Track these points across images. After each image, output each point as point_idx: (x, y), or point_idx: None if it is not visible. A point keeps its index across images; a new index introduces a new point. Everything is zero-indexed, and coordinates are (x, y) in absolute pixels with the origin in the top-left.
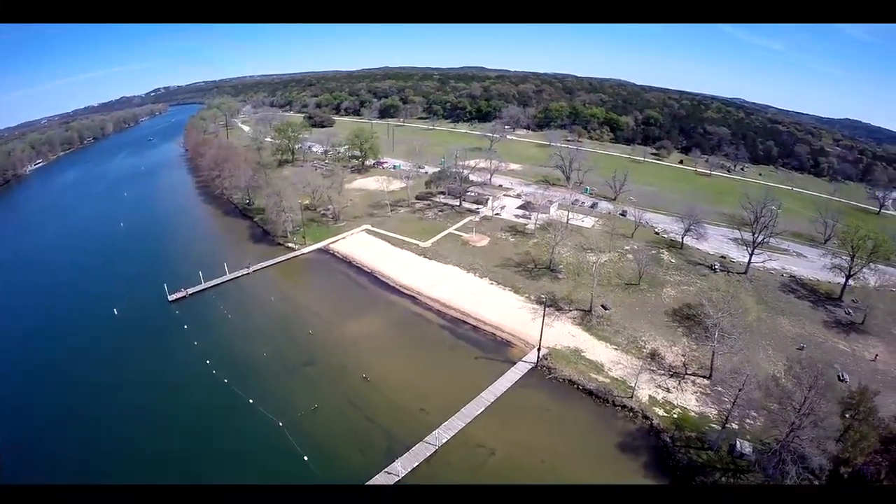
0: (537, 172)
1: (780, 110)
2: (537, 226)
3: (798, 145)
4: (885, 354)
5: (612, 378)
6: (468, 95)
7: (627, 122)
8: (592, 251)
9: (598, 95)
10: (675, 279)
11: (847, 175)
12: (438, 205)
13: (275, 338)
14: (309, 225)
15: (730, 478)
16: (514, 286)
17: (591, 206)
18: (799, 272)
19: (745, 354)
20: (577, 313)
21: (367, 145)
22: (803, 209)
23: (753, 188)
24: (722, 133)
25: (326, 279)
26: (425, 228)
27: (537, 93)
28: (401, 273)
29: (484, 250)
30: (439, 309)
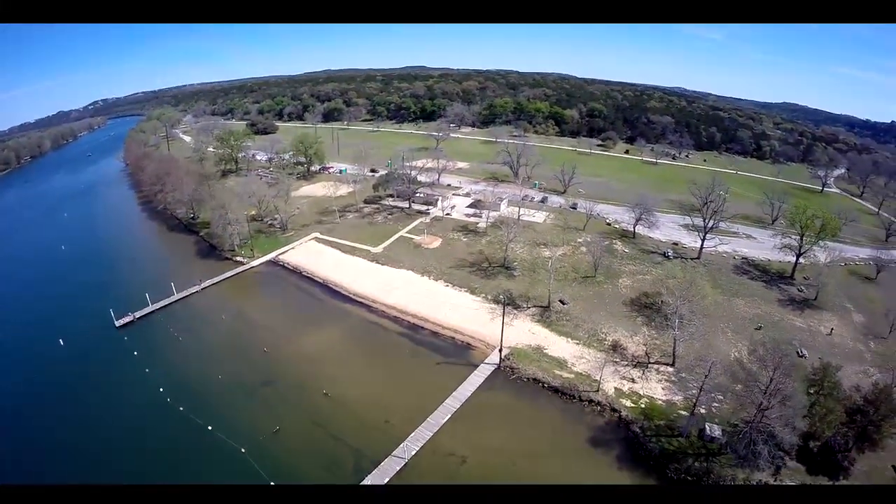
0: (485, 170)
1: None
2: (489, 224)
3: (740, 130)
4: (840, 327)
5: (576, 373)
6: (412, 95)
7: (572, 115)
8: (546, 246)
9: (541, 90)
10: (630, 269)
11: (789, 157)
12: (388, 208)
13: (229, 358)
14: (256, 237)
15: (702, 462)
16: (469, 287)
17: (541, 200)
18: (750, 254)
19: (705, 339)
20: (535, 310)
21: (312, 151)
22: (749, 192)
23: (700, 174)
24: (665, 122)
25: (278, 292)
26: (376, 233)
27: (481, 90)
28: (354, 281)
29: (437, 252)
30: (396, 315)
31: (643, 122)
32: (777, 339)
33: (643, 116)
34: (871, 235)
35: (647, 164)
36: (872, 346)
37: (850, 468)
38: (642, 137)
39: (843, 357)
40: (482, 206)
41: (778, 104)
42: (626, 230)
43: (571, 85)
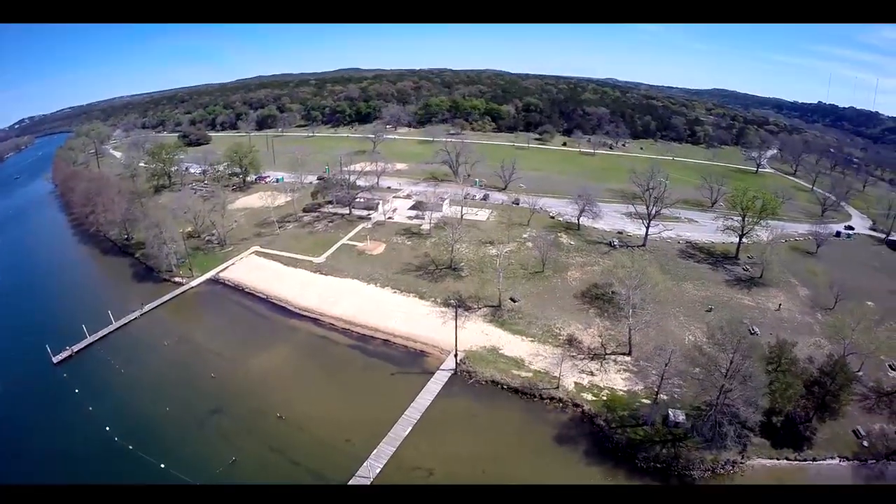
0: (425, 170)
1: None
2: (432, 225)
3: (674, 117)
4: (787, 302)
5: (534, 371)
6: (346, 98)
7: (508, 111)
8: (492, 244)
9: (476, 87)
10: (577, 261)
11: (722, 140)
12: (328, 215)
13: (176, 388)
14: (194, 254)
15: (670, 448)
16: (418, 292)
17: (482, 198)
18: (694, 237)
19: (659, 325)
20: (486, 310)
21: (247, 160)
22: (687, 177)
23: (638, 162)
24: (601, 113)
25: (221, 312)
26: (317, 242)
27: (416, 90)
28: (298, 294)
29: (381, 258)
30: (345, 327)
31: (579, 114)
32: (729, 319)
33: (579, 108)
34: (808, 211)
35: (585, 156)
36: (820, 318)
37: (813, 437)
38: (579, 129)
39: (794, 331)
40: (424, 207)
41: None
42: (571, 222)
43: (506, 81)
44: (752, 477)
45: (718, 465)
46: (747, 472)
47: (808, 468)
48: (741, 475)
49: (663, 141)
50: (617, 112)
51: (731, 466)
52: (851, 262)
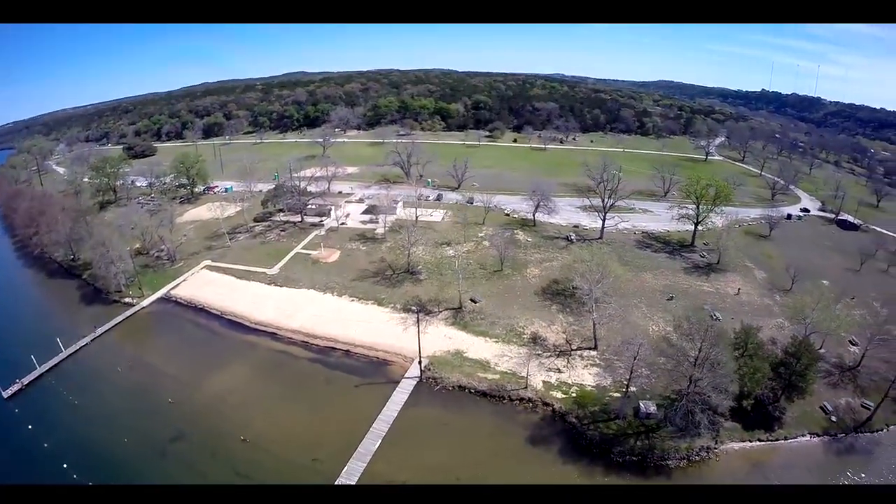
0: (376, 172)
1: (599, 80)
2: (387, 229)
3: (623, 110)
4: (746, 286)
5: (501, 372)
6: (294, 102)
7: (458, 109)
8: (449, 245)
9: (425, 87)
10: (536, 257)
11: (671, 130)
12: (279, 224)
13: (133, 417)
14: (144, 272)
15: (643, 440)
16: (376, 298)
17: (436, 198)
18: (650, 227)
19: (622, 317)
20: (447, 313)
21: (194, 171)
22: (639, 168)
23: (589, 155)
24: (550, 108)
25: (175, 332)
26: (270, 253)
27: (364, 91)
28: (254, 309)
29: (336, 265)
30: (304, 340)
31: (528, 109)
32: (690, 307)
33: (528, 104)
34: (759, 196)
35: (536, 151)
36: (779, 300)
37: (783, 417)
38: (529, 125)
39: (754, 314)
40: (377, 211)
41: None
42: (526, 219)
43: (454, 79)
44: (726, 461)
45: (693, 453)
46: (721, 457)
47: (781, 447)
48: (716, 460)
49: (613, 133)
50: (566, 106)
51: (705, 453)
52: (804, 242)
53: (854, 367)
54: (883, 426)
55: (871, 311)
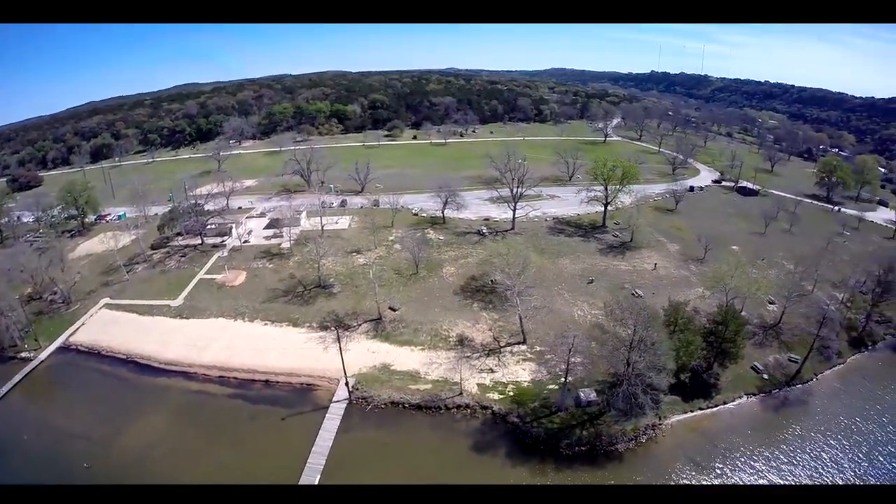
0: (276, 182)
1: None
2: (292, 242)
3: (520, 99)
4: (661, 261)
5: (433, 381)
6: (185, 116)
7: (354, 111)
8: (359, 253)
9: (320, 90)
10: (450, 256)
11: (569, 116)
12: (179, 249)
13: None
14: (38, 320)
15: (589, 428)
16: (290, 319)
17: (340, 204)
18: (560, 213)
19: (546, 306)
20: (367, 325)
21: (84, 199)
22: (542, 155)
23: (491, 146)
24: (448, 102)
25: (79, 386)
26: (172, 282)
27: (257, 99)
28: (161, 347)
29: (244, 288)
30: (220, 376)
31: (426, 105)
32: (610, 287)
33: (425, 100)
34: (660, 172)
35: (437, 146)
36: (695, 270)
37: (718, 383)
38: (428, 121)
39: (674, 286)
40: (281, 224)
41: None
42: (436, 216)
43: (349, 80)
44: (672, 435)
45: (640, 433)
46: (667, 432)
47: (721, 412)
48: (663, 436)
49: (512, 122)
50: (463, 99)
51: (651, 431)
52: (710, 212)
53: (775, 324)
54: (811, 376)
55: (782, 270)
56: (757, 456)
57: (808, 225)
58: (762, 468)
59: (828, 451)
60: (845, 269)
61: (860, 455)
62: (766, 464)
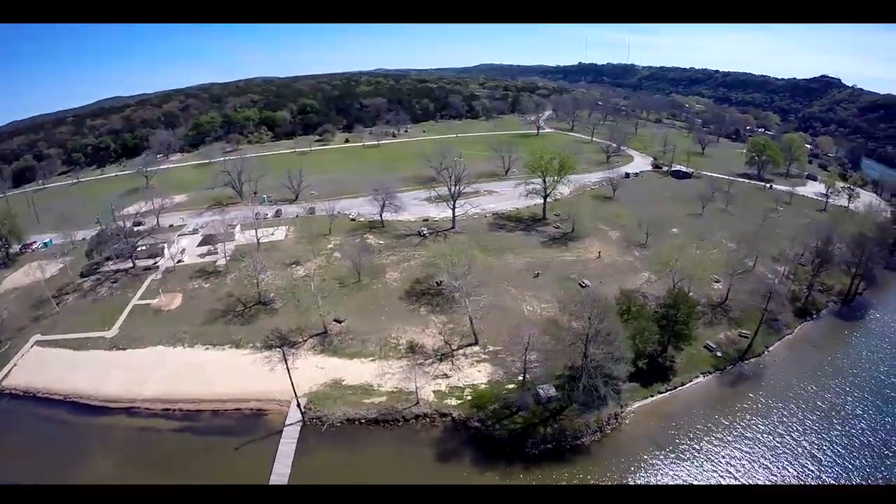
0: (207, 196)
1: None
2: (228, 259)
3: (450, 96)
4: (605, 248)
5: (387, 393)
6: (110, 132)
7: (284, 117)
8: (298, 264)
9: (248, 97)
10: (392, 260)
11: (500, 111)
12: (110, 275)
13: None
14: None
15: (552, 425)
16: (232, 340)
17: (275, 215)
18: (499, 208)
19: (494, 304)
20: (313, 340)
21: (6, 228)
22: (476, 151)
23: (425, 145)
24: (378, 103)
25: (17, 434)
26: (105, 311)
27: (184, 110)
28: (100, 384)
29: (181, 311)
30: (165, 409)
31: (356, 107)
32: (557, 279)
33: (355, 102)
34: (595, 160)
35: (370, 149)
36: (638, 255)
37: (674, 365)
38: (359, 123)
39: (620, 273)
40: (215, 240)
41: (477, 67)
42: (374, 220)
43: (278, 85)
44: (635, 421)
45: (603, 424)
46: (630, 419)
47: (680, 394)
48: (626, 424)
49: (444, 120)
50: (394, 100)
51: (614, 420)
52: (647, 197)
53: (722, 302)
54: (763, 349)
55: (723, 249)
56: (717, 430)
57: (743, 203)
58: (723, 441)
59: (785, 418)
60: (783, 243)
61: (814, 418)
62: (726, 436)
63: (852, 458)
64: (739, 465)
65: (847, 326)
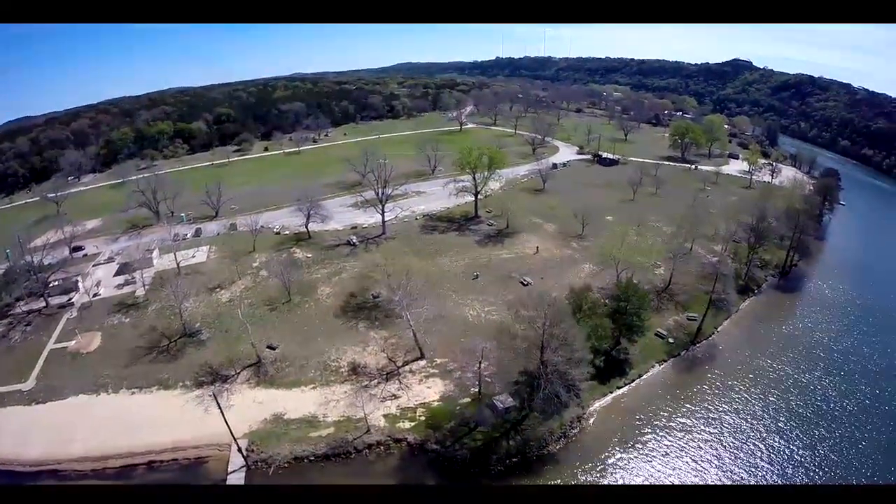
0: (122, 220)
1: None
2: (147, 287)
3: (370, 97)
4: (542, 243)
5: (334, 424)
6: (17, 156)
7: (200, 128)
8: (223, 287)
9: (161, 109)
10: (323, 274)
11: (421, 109)
12: (21, 317)
13: None
14: None
15: (514, 437)
16: (160, 381)
17: (195, 234)
18: (430, 209)
19: (436, 313)
20: (247, 372)
21: None
22: (401, 151)
23: (347, 149)
24: (297, 108)
25: None
26: (19, 360)
27: (94, 127)
28: (21, 446)
29: (102, 352)
30: (95, 467)
31: (274, 114)
32: (497, 279)
33: (273, 109)
34: (522, 153)
35: (291, 156)
36: (576, 246)
37: (629, 358)
38: (278, 130)
39: (560, 267)
40: (132, 268)
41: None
42: (300, 232)
43: (192, 95)
44: (599, 420)
45: (567, 428)
46: (594, 419)
47: (639, 385)
48: (590, 425)
49: (365, 122)
50: (312, 104)
51: (578, 423)
52: (577, 186)
53: (666, 287)
54: (712, 330)
55: (659, 233)
56: (681, 417)
57: (672, 186)
58: (687, 428)
59: (745, 395)
60: (716, 221)
61: (773, 391)
62: (690, 421)
63: (814, 425)
64: (709, 448)
65: (788, 298)
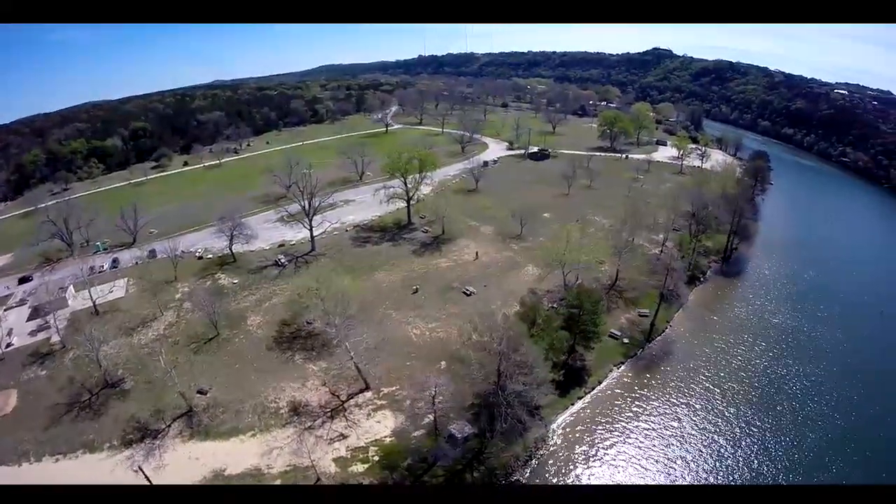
0: (32, 254)
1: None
2: (62, 332)
3: (292, 102)
4: (481, 247)
5: (281, 475)
6: None
7: (115, 145)
8: (145, 325)
9: (73, 126)
10: (251, 301)
11: (345, 112)
12: None
13: None
14: None
15: (478, 468)
16: (84, 443)
17: (112, 265)
18: (360, 218)
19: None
20: (179, 424)
21: None
22: (326, 157)
23: (270, 158)
24: (217, 117)
25: None
26: None
27: (3, 149)
28: None
29: (19, 414)
30: None
31: (193, 125)
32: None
33: (192, 120)
34: (450, 152)
35: (212, 169)
36: (517, 248)
37: (586, 365)
38: (198, 142)
39: (503, 272)
40: (44, 310)
41: (316, 69)
42: (224, 255)
43: (106, 110)
44: (564, 436)
45: (532, 451)
46: (558, 436)
47: (600, 393)
48: (554, 443)
49: (288, 129)
50: (232, 112)
51: (542, 442)
52: (511, 184)
53: (613, 283)
54: (665, 325)
55: (598, 227)
56: (646, 417)
57: (605, 177)
58: (654, 428)
59: (706, 384)
60: (654, 210)
61: (728, 376)
62: (656, 421)
63: (775, 411)
64: (675, 444)
65: (732, 283)
